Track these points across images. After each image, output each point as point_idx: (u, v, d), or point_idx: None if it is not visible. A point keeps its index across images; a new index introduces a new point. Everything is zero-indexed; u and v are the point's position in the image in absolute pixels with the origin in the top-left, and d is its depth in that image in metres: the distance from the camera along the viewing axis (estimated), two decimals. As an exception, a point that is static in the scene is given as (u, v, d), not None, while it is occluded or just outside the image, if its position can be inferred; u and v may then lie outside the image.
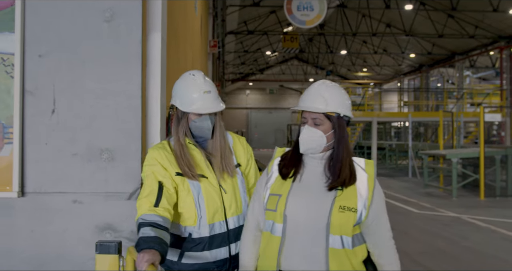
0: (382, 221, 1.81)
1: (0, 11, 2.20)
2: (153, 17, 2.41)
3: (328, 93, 1.81)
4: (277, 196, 1.80)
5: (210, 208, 1.99)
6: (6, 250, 2.21)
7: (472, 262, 5.44)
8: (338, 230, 1.72)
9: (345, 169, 1.77)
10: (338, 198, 1.74)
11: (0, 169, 2.18)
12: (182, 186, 1.99)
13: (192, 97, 2.01)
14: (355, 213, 1.73)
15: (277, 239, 1.77)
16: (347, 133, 1.85)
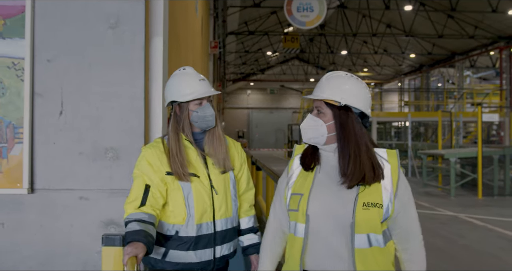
0: (408, 214, 1.68)
1: (10, 18, 2.32)
2: (155, 23, 2.53)
3: (333, 82, 1.71)
4: (299, 195, 1.71)
5: (199, 208, 2.00)
6: (17, 244, 2.33)
7: (468, 260, 5.56)
8: (364, 228, 1.61)
9: (358, 165, 1.63)
10: (362, 194, 1.62)
11: (11, 167, 2.30)
12: (173, 184, 2.00)
13: (189, 87, 2.04)
14: (381, 208, 1.62)
15: (300, 240, 1.68)
16: (359, 125, 1.68)
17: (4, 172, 2.30)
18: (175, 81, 2.08)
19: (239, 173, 2.20)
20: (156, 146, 2.06)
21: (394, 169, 1.66)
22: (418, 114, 19.83)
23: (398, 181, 1.65)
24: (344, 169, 1.64)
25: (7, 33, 2.32)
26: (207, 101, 2.08)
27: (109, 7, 2.37)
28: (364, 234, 1.61)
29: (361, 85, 1.72)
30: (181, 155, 2.01)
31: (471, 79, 30.86)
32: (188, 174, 2.00)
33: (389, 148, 1.79)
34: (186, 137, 2.06)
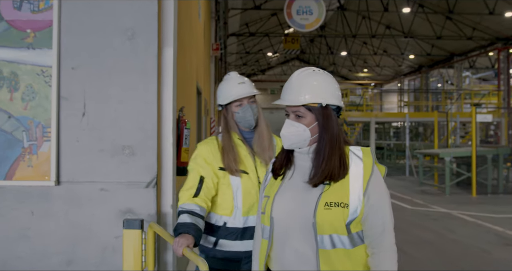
0: (380, 214, 1.60)
1: (40, 31, 2.64)
2: (166, 34, 2.85)
3: (308, 82, 1.66)
4: (267, 197, 1.72)
5: (246, 202, 2.20)
6: (45, 230, 2.64)
7: (455, 253, 5.88)
8: (326, 229, 1.56)
9: (330, 162, 1.60)
10: (325, 194, 1.59)
11: (40, 162, 2.62)
12: (223, 179, 2.21)
13: (229, 90, 2.31)
14: (346, 208, 1.56)
15: (265, 243, 1.68)
16: (336, 123, 1.67)
17: (34, 166, 2.62)
18: (220, 86, 2.36)
19: None
20: (211, 143, 2.31)
21: (367, 167, 1.62)
22: (415, 114, 20.12)
23: (370, 179, 1.59)
24: (317, 168, 1.62)
25: (36, 45, 2.63)
26: (247, 102, 2.31)
27: (127, 21, 2.68)
28: (327, 234, 1.56)
29: (332, 80, 1.70)
30: (233, 152, 2.22)
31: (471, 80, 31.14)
32: (239, 170, 2.19)
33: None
34: (238, 136, 2.28)
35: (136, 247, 2.27)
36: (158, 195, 2.69)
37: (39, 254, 2.63)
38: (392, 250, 1.61)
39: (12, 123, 2.60)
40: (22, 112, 2.61)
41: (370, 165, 1.63)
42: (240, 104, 2.29)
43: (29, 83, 2.62)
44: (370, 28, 22.70)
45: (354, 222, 1.58)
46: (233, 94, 2.30)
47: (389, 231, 1.62)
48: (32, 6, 2.64)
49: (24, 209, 2.63)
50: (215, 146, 2.28)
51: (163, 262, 2.74)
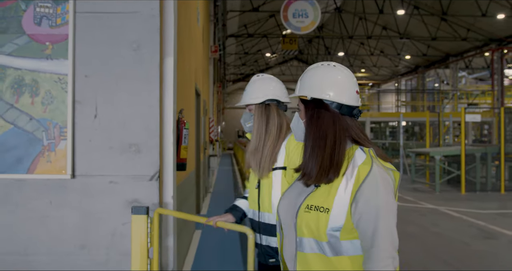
0: (369, 228, 1.41)
1: (57, 44, 3.02)
2: (167, 46, 3.23)
3: (305, 76, 1.60)
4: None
5: (249, 196, 2.44)
6: (61, 218, 3.02)
7: (437, 245, 6.27)
8: (305, 232, 1.50)
9: (312, 161, 1.53)
10: (310, 196, 1.53)
11: (58, 158, 3.00)
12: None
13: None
14: (326, 213, 1.46)
15: (279, 236, 1.68)
16: (329, 120, 1.53)
17: (52, 162, 3.00)
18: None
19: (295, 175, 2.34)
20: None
21: (360, 174, 1.46)
22: (409, 114, 20.52)
23: (360, 187, 1.44)
24: (302, 165, 1.58)
25: (54, 55, 3.01)
26: (247, 109, 2.49)
27: (133, 34, 3.06)
28: (306, 237, 1.50)
29: (333, 73, 1.56)
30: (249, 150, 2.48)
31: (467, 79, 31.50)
32: (249, 166, 2.41)
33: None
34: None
35: (143, 230, 2.65)
36: (160, 187, 3.08)
37: (56, 238, 3.01)
38: (386, 263, 1.38)
39: (33, 124, 2.98)
40: (42, 114, 2.99)
41: (365, 172, 1.45)
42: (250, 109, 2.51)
43: (48, 89, 3.00)
44: (366, 29, 23.09)
45: (343, 229, 1.45)
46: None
47: (379, 246, 1.39)
48: (50, 21, 3.02)
49: (43, 199, 3.01)
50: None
51: (164, 246, 3.13)
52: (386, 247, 1.39)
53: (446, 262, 5.37)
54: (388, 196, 1.43)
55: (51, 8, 3.03)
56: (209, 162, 11.23)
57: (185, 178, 5.01)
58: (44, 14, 3.03)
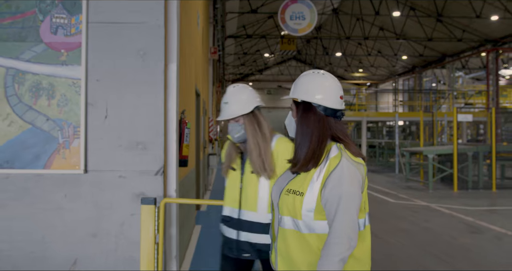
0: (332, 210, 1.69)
1: (71, 51, 3.33)
2: (171, 53, 3.54)
3: (299, 80, 1.88)
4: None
5: (228, 195, 2.54)
6: (75, 209, 3.32)
7: (425, 238, 6.58)
8: (285, 211, 1.81)
9: (298, 153, 1.81)
10: (291, 182, 1.83)
11: (72, 155, 3.31)
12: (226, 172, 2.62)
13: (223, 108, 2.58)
14: (301, 196, 1.75)
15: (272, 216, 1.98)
16: (315, 120, 1.80)
17: (67, 158, 3.31)
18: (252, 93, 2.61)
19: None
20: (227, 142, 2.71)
21: (330, 165, 1.73)
22: (404, 114, 20.83)
23: (329, 176, 1.70)
24: (294, 156, 1.85)
25: (69, 61, 3.32)
26: (233, 121, 2.52)
27: (140, 43, 3.37)
28: (286, 216, 1.81)
29: (321, 80, 1.83)
30: (229, 150, 2.61)
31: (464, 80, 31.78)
32: (228, 167, 2.56)
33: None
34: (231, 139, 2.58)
35: (151, 218, 2.97)
36: (164, 181, 3.39)
37: (70, 228, 3.31)
38: (334, 243, 1.64)
39: (49, 124, 3.28)
40: (58, 115, 3.30)
41: (335, 164, 1.71)
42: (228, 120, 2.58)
43: (63, 92, 3.30)
44: (363, 30, 23.39)
45: (316, 211, 1.72)
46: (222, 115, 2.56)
47: (337, 226, 1.66)
48: (65, 31, 3.33)
49: (59, 192, 3.31)
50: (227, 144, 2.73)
51: (168, 234, 3.44)
52: (343, 227, 1.65)
53: (433, 254, 5.68)
54: (350, 186, 1.69)
55: (66, 18, 3.34)
56: (209, 160, 11.54)
57: (186, 174, 5.32)
58: (59, 24, 3.34)
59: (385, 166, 19.62)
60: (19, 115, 3.30)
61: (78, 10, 3.35)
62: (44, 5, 3.35)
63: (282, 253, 1.83)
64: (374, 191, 11.64)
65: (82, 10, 3.34)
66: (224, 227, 2.57)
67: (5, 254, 3.24)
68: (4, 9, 3.34)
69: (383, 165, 19.87)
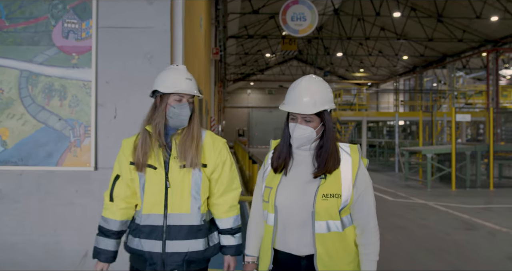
0: (366, 201, 1.89)
1: (82, 54, 3.51)
2: (176, 56, 3.72)
3: (315, 92, 1.88)
4: (269, 188, 1.93)
5: (149, 199, 2.07)
6: (86, 203, 3.51)
7: (421, 234, 6.77)
8: (323, 216, 1.83)
9: (331, 158, 1.86)
10: (322, 186, 1.84)
11: (83, 153, 3.49)
12: (134, 174, 2.14)
13: (174, 81, 2.14)
14: (339, 198, 1.83)
15: (271, 228, 1.92)
16: (332, 123, 1.93)
17: (78, 156, 3.49)
18: (164, 74, 2.22)
19: (214, 173, 2.19)
20: (131, 137, 2.26)
21: (354, 162, 1.88)
22: (403, 114, 21.00)
23: (358, 172, 1.87)
24: (320, 163, 1.87)
25: (80, 64, 3.51)
26: (187, 100, 2.14)
27: (147, 47, 3.55)
28: (323, 221, 1.83)
29: (328, 86, 1.94)
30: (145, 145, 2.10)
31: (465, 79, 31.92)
32: (146, 164, 2.08)
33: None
34: (156, 128, 2.13)
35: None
36: (170, 178, 3.57)
37: (81, 221, 3.48)
38: (376, 229, 1.92)
39: (62, 123, 3.47)
40: (69, 115, 3.49)
41: (357, 160, 1.89)
42: (179, 100, 2.14)
43: (74, 93, 3.49)
44: (364, 30, 23.54)
45: (344, 208, 1.85)
46: (177, 86, 2.13)
47: (372, 214, 1.92)
48: (76, 35, 3.52)
49: (70, 188, 3.49)
50: (132, 141, 2.23)
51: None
52: (375, 213, 1.94)
53: (427, 250, 5.86)
54: (369, 175, 1.94)
55: (77, 23, 3.53)
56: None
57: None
58: (71, 29, 3.53)
59: (385, 165, 19.79)
60: (33, 115, 3.49)
61: (88, 16, 3.54)
62: (56, 11, 3.54)
63: (323, 259, 1.85)
64: (374, 189, 11.80)
65: (92, 16, 3.53)
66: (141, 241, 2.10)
67: (20, 247, 3.43)
68: (18, 14, 3.53)
69: (383, 164, 20.05)
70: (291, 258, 1.90)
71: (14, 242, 3.42)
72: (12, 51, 3.50)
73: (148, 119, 2.21)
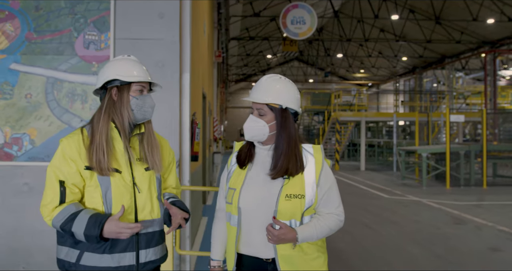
0: (331, 200, 1.89)
1: (101, 63, 3.96)
2: (185, 64, 4.17)
3: (273, 86, 1.89)
4: (233, 189, 1.90)
5: (118, 207, 1.80)
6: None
7: (412, 228, 7.21)
8: (287, 216, 1.81)
9: (287, 159, 1.84)
10: (285, 187, 1.82)
11: (102, 150, 3.94)
12: (90, 180, 1.81)
13: (135, 69, 1.96)
14: (303, 199, 1.82)
15: (234, 229, 1.88)
16: (293, 124, 1.89)
17: (97, 153, 3.93)
18: (120, 62, 1.99)
19: (166, 172, 2.09)
20: (75, 137, 1.90)
21: (318, 162, 1.88)
22: (401, 114, 21.40)
23: (321, 173, 1.87)
24: (276, 163, 1.85)
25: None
26: (147, 91, 1.99)
27: (158, 55, 3.99)
28: (286, 220, 1.81)
29: (294, 89, 1.93)
30: (107, 146, 1.83)
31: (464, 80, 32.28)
32: (111, 168, 1.81)
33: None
34: (118, 125, 1.91)
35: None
36: (180, 173, 4.01)
37: (100, 212, 3.94)
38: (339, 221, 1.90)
39: (83, 124, 3.91)
40: (90, 117, 3.92)
41: (321, 160, 1.89)
42: (141, 90, 1.96)
43: (94, 97, 3.93)
44: (364, 32, 23.93)
45: (309, 209, 1.84)
46: (136, 75, 1.94)
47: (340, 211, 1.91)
48: (96, 46, 3.97)
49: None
50: (80, 141, 1.88)
51: (182, 218, 4.06)
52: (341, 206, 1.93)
53: (416, 242, 6.29)
54: (332, 174, 1.93)
55: (97, 35, 3.98)
56: (214, 158, 12.18)
57: (195, 169, 5.95)
58: (91, 40, 3.97)
59: (384, 164, 20.23)
60: (58, 117, 3.93)
61: (107, 29, 3.98)
62: (78, 24, 3.98)
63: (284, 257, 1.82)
64: (370, 187, 12.26)
65: (110, 29, 3.97)
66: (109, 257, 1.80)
67: (47, 233, 3.86)
68: (45, 27, 3.97)
69: (382, 164, 20.48)
70: (257, 262, 1.87)
71: (42, 229, 3.85)
72: (39, 60, 3.95)
73: (105, 114, 1.91)
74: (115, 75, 1.92)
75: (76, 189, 1.81)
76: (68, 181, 1.81)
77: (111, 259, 1.80)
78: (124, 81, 1.92)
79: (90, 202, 1.82)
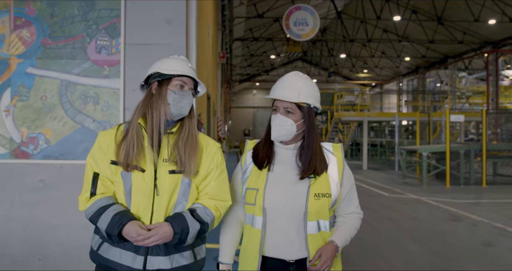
0: (352, 199, 1.91)
1: (112, 67, 4.20)
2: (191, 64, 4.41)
3: (301, 84, 1.84)
4: (255, 190, 1.83)
5: (136, 206, 1.77)
6: (115, 191, 4.20)
7: (410, 225, 7.42)
8: (314, 216, 1.79)
9: (315, 157, 1.82)
10: (313, 186, 1.80)
11: (113, 149, 4.18)
12: (115, 175, 1.81)
13: (180, 66, 1.92)
14: (330, 197, 1.81)
15: (258, 232, 1.81)
16: (315, 123, 1.88)
17: (109, 152, 4.18)
18: (167, 59, 2.00)
19: (204, 180, 1.87)
20: (110, 131, 1.95)
21: (339, 161, 1.87)
22: (403, 114, 21.58)
23: (343, 171, 1.86)
24: (306, 162, 1.81)
25: (110, 75, 4.19)
26: (189, 89, 1.92)
27: (166, 60, 4.24)
28: (314, 221, 1.80)
29: (316, 87, 1.90)
30: (138, 142, 1.79)
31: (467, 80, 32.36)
32: (134, 165, 1.77)
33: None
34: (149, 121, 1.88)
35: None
36: (186, 170, 4.25)
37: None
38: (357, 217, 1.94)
39: (95, 124, 4.16)
40: (101, 118, 4.18)
41: (342, 158, 1.88)
42: (182, 86, 1.89)
43: (106, 99, 4.18)
44: (367, 32, 24.09)
45: (332, 208, 1.85)
46: (180, 70, 1.91)
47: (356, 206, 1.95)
48: (107, 51, 4.22)
49: (102, 178, 4.18)
50: (113, 135, 1.90)
51: (188, 213, 4.30)
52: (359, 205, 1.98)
53: (413, 238, 6.52)
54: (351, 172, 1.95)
55: (108, 41, 4.23)
56: (218, 157, 12.37)
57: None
58: (102, 45, 4.22)
59: (386, 164, 20.40)
60: (71, 118, 4.18)
61: (117, 34, 4.23)
62: (91, 30, 4.23)
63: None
64: (371, 185, 12.48)
65: (121, 34, 4.22)
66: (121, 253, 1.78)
67: (61, 228, 4.11)
68: (59, 33, 4.23)
69: (384, 163, 20.65)
70: (280, 264, 1.81)
71: (56, 224, 4.09)
72: (54, 64, 4.20)
73: (141, 109, 1.93)
74: (157, 69, 1.94)
75: (108, 181, 1.83)
76: (101, 173, 1.84)
77: (120, 256, 1.78)
78: (165, 75, 1.90)
79: (118, 197, 1.82)
